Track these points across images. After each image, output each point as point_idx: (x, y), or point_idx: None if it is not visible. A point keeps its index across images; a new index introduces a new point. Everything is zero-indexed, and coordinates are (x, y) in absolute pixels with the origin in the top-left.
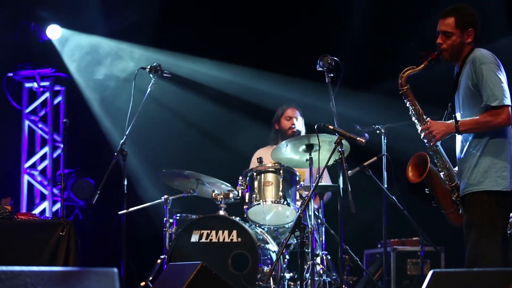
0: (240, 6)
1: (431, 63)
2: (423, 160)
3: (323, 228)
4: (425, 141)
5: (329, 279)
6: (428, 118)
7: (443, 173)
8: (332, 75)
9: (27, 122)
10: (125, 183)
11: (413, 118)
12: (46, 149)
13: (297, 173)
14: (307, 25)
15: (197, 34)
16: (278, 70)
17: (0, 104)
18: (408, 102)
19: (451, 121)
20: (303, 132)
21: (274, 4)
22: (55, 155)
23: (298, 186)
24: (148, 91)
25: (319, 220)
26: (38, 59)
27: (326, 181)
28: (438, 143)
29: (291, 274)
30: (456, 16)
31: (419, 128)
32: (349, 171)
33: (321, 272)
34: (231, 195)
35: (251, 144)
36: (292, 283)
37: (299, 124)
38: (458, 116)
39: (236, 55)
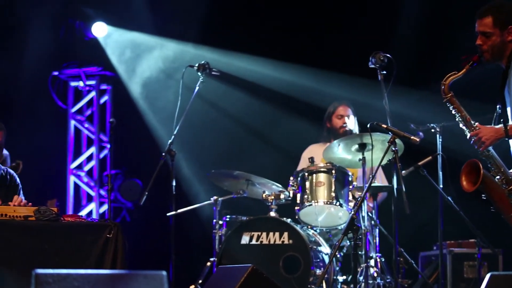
0: (289, 2)
1: (473, 66)
2: (476, 167)
3: (377, 230)
4: (475, 147)
5: (383, 282)
6: (476, 123)
7: (498, 177)
8: (385, 72)
9: (73, 122)
10: (174, 184)
11: (461, 125)
12: (92, 150)
13: (350, 173)
14: (359, 21)
15: (246, 31)
16: (329, 67)
17: (45, 103)
18: (453, 110)
19: (500, 125)
20: (355, 131)
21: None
22: (101, 155)
23: (351, 187)
24: (196, 90)
25: (372, 222)
26: (84, 58)
27: (380, 181)
28: (490, 147)
29: (344, 277)
30: (494, 15)
31: (468, 135)
32: (403, 171)
33: (375, 275)
34: (282, 196)
35: (302, 144)
36: (345, 287)
37: (351, 123)
38: (509, 111)
39: (286, 52)
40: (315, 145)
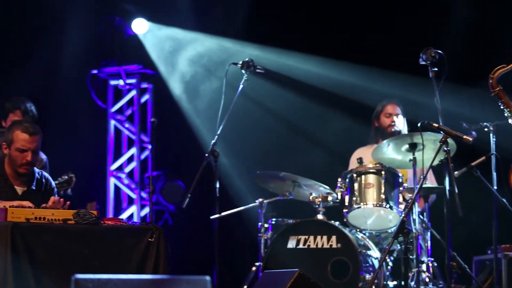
0: None
1: None
2: None
3: (429, 233)
4: None
5: None
6: None
7: None
8: (436, 69)
9: (113, 122)
10: (217, 185)
11: (510, 121)
12: (133, 151)
13: (400, 174)
14: (409, 16)
15: (292, 27)
16: (378, 64)
17: (84, 103)
18: (502, 104)
19: None
20: (404, 131)
21: None
22: (142, 156)
23: (401, 188)
24: (240, 88)
25: (424, 225)
26: (124, 55)
27: (431, 182)
28: None
29: (395, 282)
30: None
31: None
32: (456, 172)
33: (427, 280)
34: (329, 198)
35: (350, 144)
36: None
37: (400, 122)
38: None
39: (333, 49)
40: (362, 148)
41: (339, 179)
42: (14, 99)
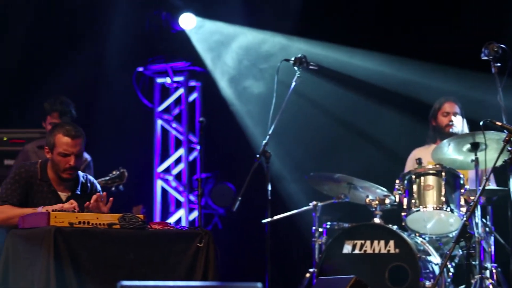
0: None
1: None
2: None
3: (492, 237)
4: None
5: None
6: None
7: None
8: (499, 64)
9: (159, 122)
10: (269, 188)
11: None
12: (181, 152)
13: (461, 176)
14: (471, 9)
15: (345, 21)
16: (436, 59)
17: (130, 102)
18: None
19: None
20: (465, 130)
21: None
22: (191, 157)
23: (462, 190)
24: (292, 86)
25: (487, 229)
26: (171, 52)
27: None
28: None
29: None
30: None
31: None
32: None
33: (491, 287)
34: (387, 201)
35: (407, 143)
36: None
37: (458, 122)
38: None
39: (389, 44)
40: (420, 148)
41: (397, 181)
42: (51, 100)
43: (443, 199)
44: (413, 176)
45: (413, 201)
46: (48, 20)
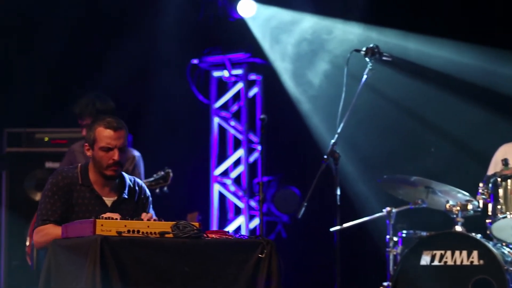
0: None
1: None
2: None
3: None
4: None
5: None
6: None
7: None
8: None
9: (216, 120)
10: (338, 192)
11: None
12: (240, 153)
13: None
14: None
15: (422, 7)
16: None
17: (184, 98)
18: None
19: None
20: None
21: None
22: (251, 159)
23: None
24: (364, 79)
25: None
26: (228, 42)
27: None
28: None
29: None
30: None
31: None
32: None
33: None
34: (469, 207)
35: (492, 141)
36: None
37: None
38: None
39: (470, 32)
40: (508, 145)
41: (481, 184)
42: (84, 100)
43: None
44: (499, 179)
45: (499, 206)
46: (96, 11)
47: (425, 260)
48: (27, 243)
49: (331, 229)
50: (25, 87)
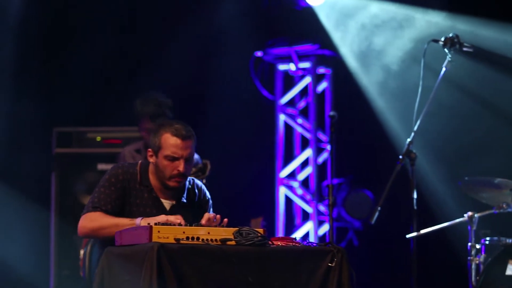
0: None
1: None
2: None
3: None
4: None
5: None
6: None
7: None
8: None
9: (282, 117)
10: (415, 196)
11: None
12: (308, 153)
13: None
14: None
15: None
16: None
17: (246, 93)
18: None
19: None
20: None
21: None
22: (320, 160)
23: None
24: (442, 72)
25: None
26: (295, 33)
27: None
28: None
29: None
30: None
31: None
32: None
33: None
34: None
35: None
36: None
37: None
38: None
39: None
40: None
41: None
42: (141, 99)
43: None
44: None
45: None
46: (154, 2)
47: (511, 269)
48: (80, 255)
49: (407, 236)
50: (76, 83)
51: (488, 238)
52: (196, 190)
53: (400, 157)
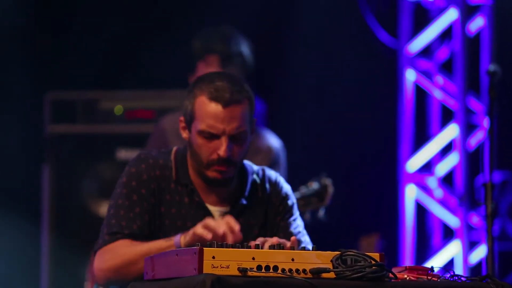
0: None
1: None
2: None
3: None
4: None
5: None
6: None
7: None
8: None
9: (411, 74)
10: None
11: None
12: (452, 131)
13: None
14: None
15: None
16: None
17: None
18: None
19: None
20: None
21: None
22: (472, 142)
23: None
24: None
25: None
26: None
27: None
28: None
29: None
30: None
31: None
32: None
33: None
34: None
35: None
36: None
37: None
38: None
39: None
40: None
41: None
42: (205, 33)
43: None
44: None
45: None
46: None
47: None
48: None
49: None
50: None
51: None
52: (267, 185)
53: None
